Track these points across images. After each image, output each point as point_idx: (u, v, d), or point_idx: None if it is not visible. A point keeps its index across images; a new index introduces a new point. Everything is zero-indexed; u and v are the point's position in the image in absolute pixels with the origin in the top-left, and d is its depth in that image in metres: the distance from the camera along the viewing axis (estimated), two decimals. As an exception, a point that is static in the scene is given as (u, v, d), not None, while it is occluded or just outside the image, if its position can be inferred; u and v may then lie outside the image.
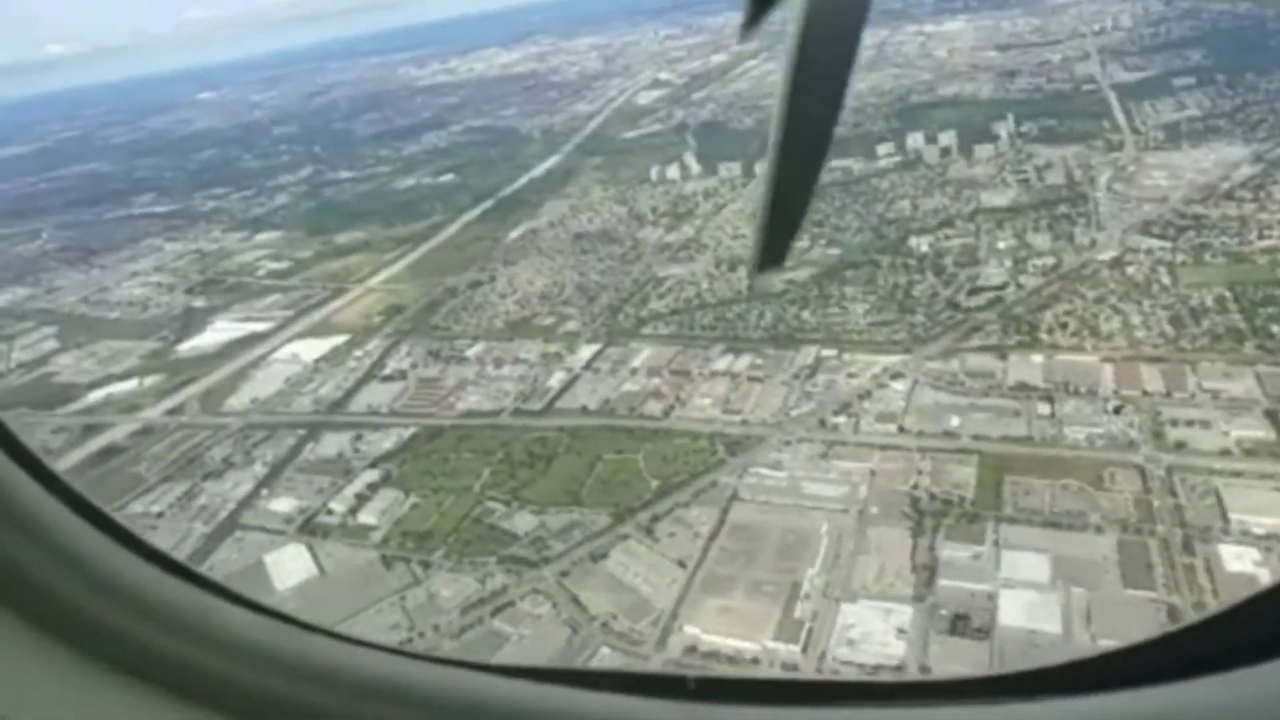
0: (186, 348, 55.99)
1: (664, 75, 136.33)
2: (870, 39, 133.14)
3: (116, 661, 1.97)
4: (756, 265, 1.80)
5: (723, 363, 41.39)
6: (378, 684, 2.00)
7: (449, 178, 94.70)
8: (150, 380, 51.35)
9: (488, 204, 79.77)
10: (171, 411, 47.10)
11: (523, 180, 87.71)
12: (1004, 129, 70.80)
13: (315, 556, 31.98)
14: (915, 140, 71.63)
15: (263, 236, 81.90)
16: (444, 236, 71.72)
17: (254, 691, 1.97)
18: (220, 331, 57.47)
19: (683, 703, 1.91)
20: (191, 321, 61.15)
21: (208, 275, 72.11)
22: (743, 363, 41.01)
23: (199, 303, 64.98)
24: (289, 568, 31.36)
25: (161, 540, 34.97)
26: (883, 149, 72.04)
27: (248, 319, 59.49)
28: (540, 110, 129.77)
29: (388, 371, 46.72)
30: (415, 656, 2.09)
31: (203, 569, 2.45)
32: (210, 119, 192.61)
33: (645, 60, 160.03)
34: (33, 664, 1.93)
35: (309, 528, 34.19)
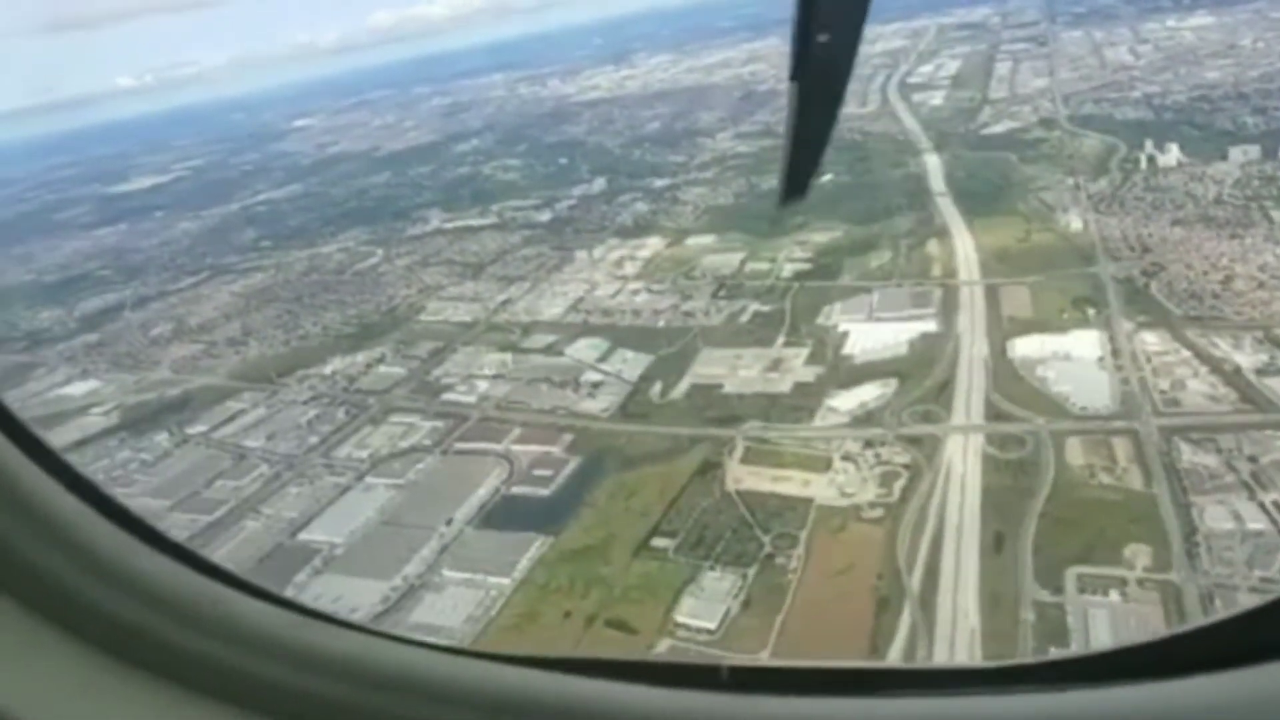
0: (858, 351, 49.61)
1: (915, 79, 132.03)
2: (1116, 38, 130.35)
3: (126, 654, 1.89)
4: (782, 197, 2.10)
5: None
6: (395, 675, 1.92)
7: (828, 178, 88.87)
8: (891, 388, 44.93)
9: (940, 200, 74.32)
10: (1014, 420, 40.56)
11: (936, 175, 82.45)
12: None
13: None
14: None
15: (696, 241, 75.78)
16: (955, 229, 65.93)
17: (267, 683, 1.90)
18: (867, 335, 51.13)
19: (717, 694, 1.84)
20: (790, 326, 54.86)
21: (698, 279, 65.82)
22: None
23: (759, 307, 58.63)
24: None
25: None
26: None
27: (873, 319, 53.36)
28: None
29: (1253, 365, 40.62)
30: (433, 648, 2.01)
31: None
32: (350, 143, 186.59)
33: (858, 60, 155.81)
34: (39, 656, 1.85)
35: None
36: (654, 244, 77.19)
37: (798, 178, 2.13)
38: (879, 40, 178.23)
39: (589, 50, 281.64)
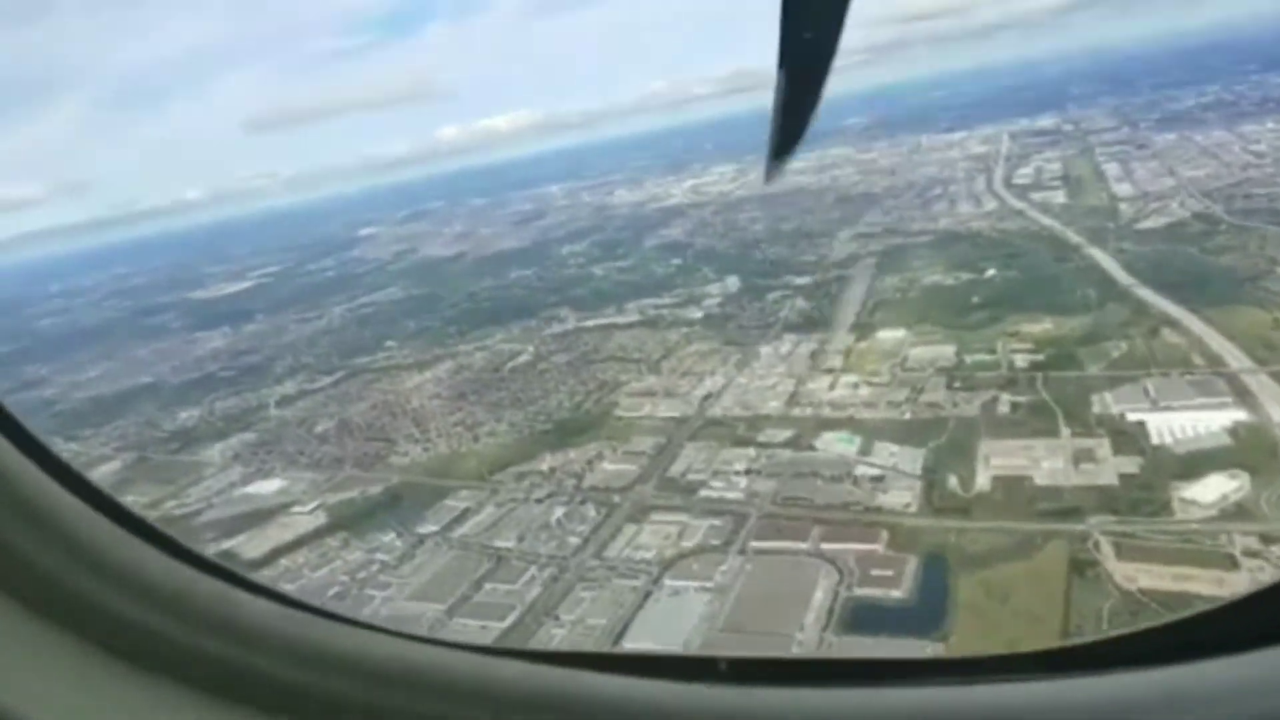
0: (1170, 441, 46.38)
1: (1020, 181, 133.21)
2: (1217, 139, 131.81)
3: (128, 652, 1.91)
4: (772, 156, 2.21)
5: None
6: (400, 671, 1.94)
7: (992, 272, 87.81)
8: (1243, 479, 41.51)
9: (1139, 291, 72.38)
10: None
11: (1113, 268, 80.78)
12: None
13: None
14: None
15: (888, 334, 73.66)
16: (1183, 319, 63.47)
17: (275, 681, 1.93)
18: (1168, 425, 48.02)
19: (715, 686, 1.86)
20: (1066, 417, 51.85)
21: (917, 372, 63.17)
22: None
23: (1012, 398, 55.78)
24: None
25: None
26: None
27: (1160, 408, 50.26)
28: (913, 214, 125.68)
29: None
30: (439, 643, 2.03)
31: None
32: (430, 249, 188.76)
33: (943, 165, 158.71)
34: (40, 655, 1.86)
35: None
36: (840, 338, 75.06)
37: (786, 142, 2.21)
38: (952, 148, 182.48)
39: (640, 163, 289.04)
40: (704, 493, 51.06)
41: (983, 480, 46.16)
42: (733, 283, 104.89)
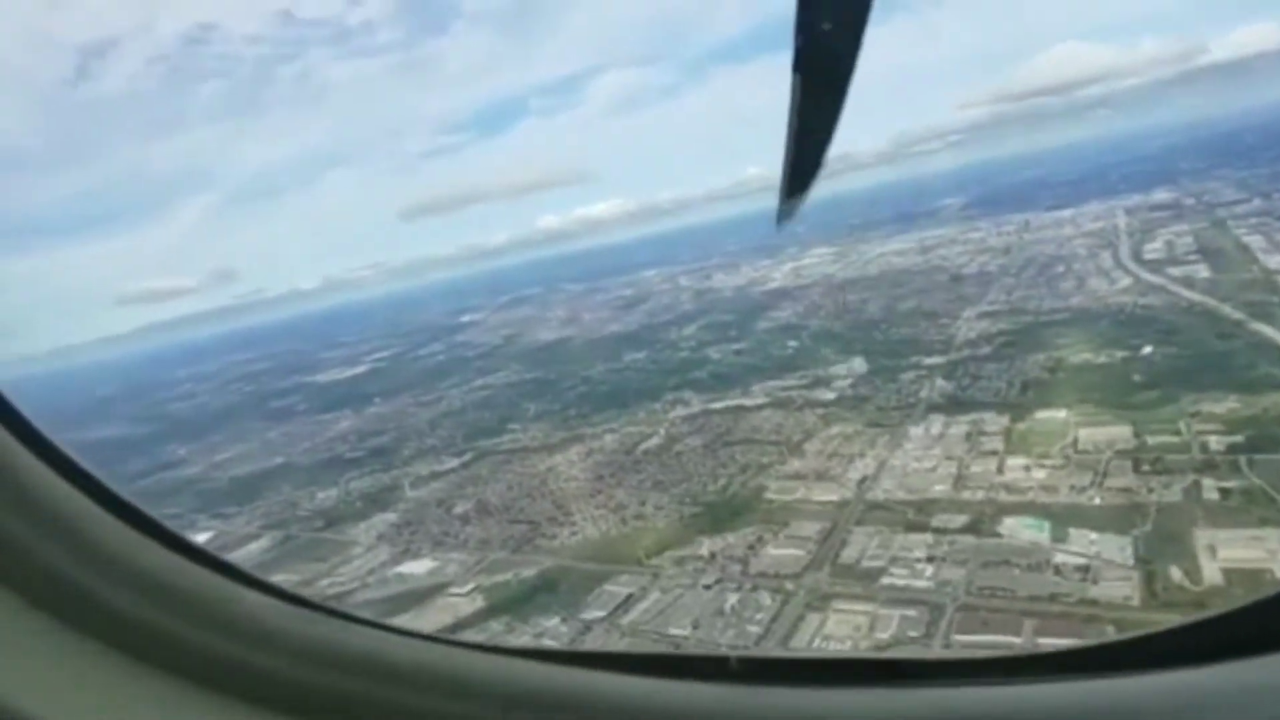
0: None
1: (1151, 256, 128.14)
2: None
3: (133, 649, 1.90)
4: (784, 194, 2.05)
5: None
6: (408, 670, 1.93)
7: (1150, 350, 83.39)
8: None
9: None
10: None
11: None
12: None
13: None
14: None
15: (1047, 415, 70.12)
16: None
17: (279, 679, 1.92)
18: None
19: (726, 685, 1.86)
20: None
21: (1093, 454, 59.40)
22: None
23: (1218, 483, 51.66)
24: None
25: None
26: None
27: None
28: (1039, 291, 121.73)
29: None
30: (447, 642, 2.02)
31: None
32: (537, 334, 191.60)
33: (1058, 242, 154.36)
34: (47, 653, 1.86)
35: None
36: (994, 419, 71.73)
37: (802, 175, 2.02)
38: (1063, 225, 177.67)
39: (732, 247, 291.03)
40: (886, 580, 48.32)
41: (1211, 572, 42.23)
42: (859, 364, 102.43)
